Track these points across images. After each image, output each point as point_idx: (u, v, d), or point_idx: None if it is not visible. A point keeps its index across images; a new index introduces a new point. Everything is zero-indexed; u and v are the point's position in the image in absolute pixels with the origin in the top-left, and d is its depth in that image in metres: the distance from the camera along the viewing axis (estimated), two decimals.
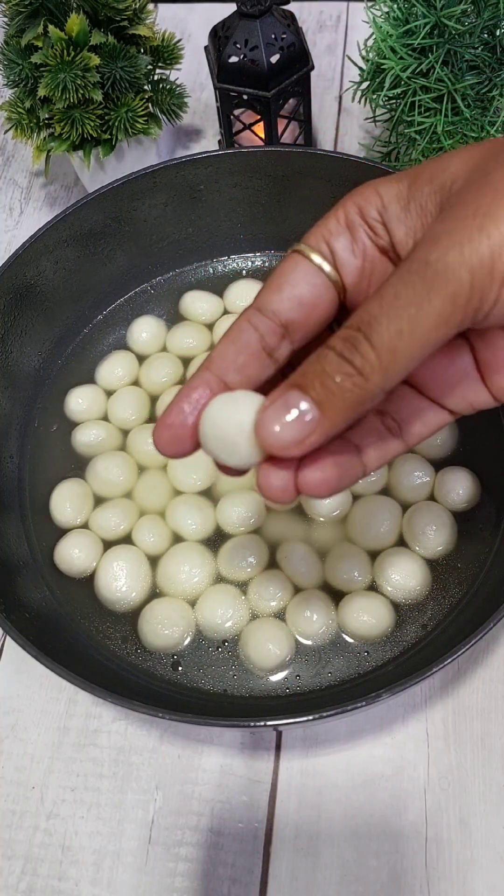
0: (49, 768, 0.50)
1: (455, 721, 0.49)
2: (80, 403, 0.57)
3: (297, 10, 0.80)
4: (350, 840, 0.47)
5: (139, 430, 0.56)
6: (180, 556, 0.51)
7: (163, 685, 0.48)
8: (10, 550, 0.50)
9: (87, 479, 0.55)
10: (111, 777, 0.49)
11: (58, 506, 0.53)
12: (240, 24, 0.60)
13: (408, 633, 0.49)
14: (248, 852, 0.47)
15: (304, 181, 0.58)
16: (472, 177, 0.26)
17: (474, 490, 0.52)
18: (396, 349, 0.25)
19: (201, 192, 0.60)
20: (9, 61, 0.60)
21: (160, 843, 0.47)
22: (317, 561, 0.51)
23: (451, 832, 0.46)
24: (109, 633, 0.50)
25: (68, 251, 0.57)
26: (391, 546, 0.51)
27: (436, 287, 0.24)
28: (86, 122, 0.60)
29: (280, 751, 0.49)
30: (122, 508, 0.53)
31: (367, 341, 0.25)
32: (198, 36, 0.83)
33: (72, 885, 0.46)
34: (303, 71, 0.63)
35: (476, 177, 0.26)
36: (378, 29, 0.56)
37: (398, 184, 0.28)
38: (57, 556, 0.52)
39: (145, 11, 0.61)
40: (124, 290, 0.63)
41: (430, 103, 0.55)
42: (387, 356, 0.25)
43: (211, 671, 0.48)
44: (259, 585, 0.50)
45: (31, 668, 0.52)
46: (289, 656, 0.48)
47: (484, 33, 0.55)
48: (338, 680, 0.48)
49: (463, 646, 0.40)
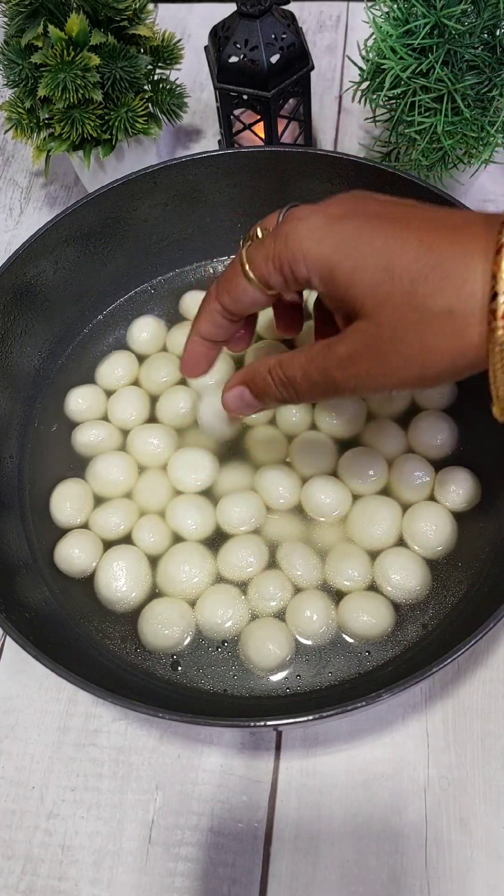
0: (49, 768, 0.50)
1: (455, 721, 0.49)
2: (80, 403, 0.57)
3: (297, 10, 0.80)
4: (350, 840, 0.47)
5: (139, 429, 0.56)
6: (180, 555, 0.51)
7: (163, 685, 0.48)
8: (10, 550, 0.51)
9: (87, 479, 0.55)
10: (111, 777, 0.49)
11: (57, 506, 0.53)
12: (240, 24, 0.60)
13: (408, 633, 0.49)
14: (248, 852, 0.47)
15: (304, 181, 0.58)
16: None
17: (474, 490, 0.52)
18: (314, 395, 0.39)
19: (201, 192, 0.60)
20: (9, 61, 0.60)
21: (160, 843, 0.47)
22: (317, 561, 0.51)
23: (451, 832, 0.46)
24: (109, 633, 0.50)
25: (68, 251, 0.57)
26: (391, 546, 0.51)
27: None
28: (86, 122, 0.60)
29: (280, 751, 0.49)
30: (122, 508, 0.53)
31: (296, 391, 0.39)
32: (198, 36, 0.83)
33: (72, 885, 0.46)
34: (303, 71, 0.63)
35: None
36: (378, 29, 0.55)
37: (320, 271, 0.35)
38: (57, 556, 0.52)
39: (145, 11, 0.61)
40: (124, 290, 0.63)
41: (430, 103, 0.55)
42: (307, 396, 0.39)
43: (211, 671, 0.48)
44: (259, 585, 0.50)
45: (31, 668, 0.52)
46: (289, 656, 0.48)
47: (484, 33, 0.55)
48: (338, 680, 0.48)
49: (463, 646, 0.40)
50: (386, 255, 0.32)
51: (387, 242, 0.32)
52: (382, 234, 0.33)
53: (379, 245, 0.33)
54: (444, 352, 0.32)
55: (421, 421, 0.55)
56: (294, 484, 0.53)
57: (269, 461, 0.54)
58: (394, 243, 0.32)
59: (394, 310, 0.32)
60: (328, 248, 0.34)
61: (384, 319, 0.32)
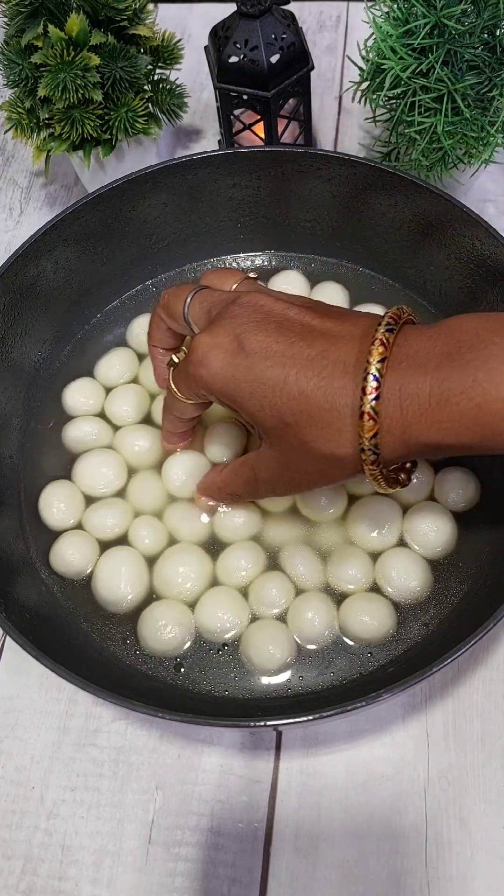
0: (49, 768, 0.50)
1: (455, 721, 0.49)
2: (79, 399, 0.57)
3: (297, 10, 0.80)
4: (350, 840, 0.47)
5: (129, 428, 0.56)
6: (178, 558, 0.51)
7: (162, 685, 0.48)
8: (10, 550, 0.50)
9: (73, 479, 0.55)
10: (111, 777, 0.49)
11: (47, 508, 0.53)
12: (240, 24, 0.60)
13: (408, 633, 0.49)
14: (248, 852, 0.47)
15: (304, 181, 0.58)
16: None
17: (474, 490, 0.52)
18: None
19: (201, 192, 0.60)
20: (9, 61, 0.60)
21: (160, 843, 0.47)
22: (318, 563, 0.51)
23: (451, 832, 0.46)
24: (109, 634, 0.50)
25: (68, 251, 0.57)
26: (392, 547, 0.51)
27: None
28: (86, 122, 0.60)
29: (280, 751, 0.49)
30: (117, 508, 0.53)
31: (238, 497, 0.50)
32: (198, 36, 0.83)
33: (72, 885, 0.46)
34: (303, 71, 0.63)
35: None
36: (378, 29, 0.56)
37: (228, 401, 0.42)
38: (52, 558, 0.52)
39: (145, 11, 0.61)
40: (124, 289, 0.63)
41: (430, 103, 0.55)
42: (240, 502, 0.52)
43: (212, 673, 0.48)
44: (260, 587, 0.50)
45: (31, 668, 0.52)
46: (290, 658, 0.48)
47: (484, 33, 0.55)
48: (338, 680, 0.48)
49: (463, 646, 0.40)
50: (276, 403, 0.39)
51: (274, 390, 0.39)
52: (270, 379, 0.39)
53: (268, 391, 0.39)
54: (332, 476, 0.41)
55: None
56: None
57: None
58: (280, 392, 0.39)
59: (291, 448, 0.40)
60: (231, 388, 0.41)
61: (284, 450, 0.41)
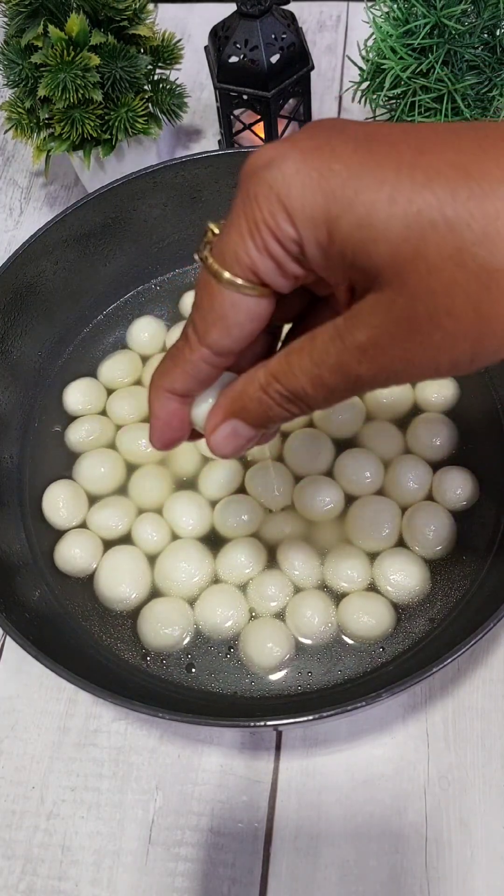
0: (49, 768, 0.50)
1: (455, 721, 0.49)
2: (79, 398, 0.57)
3: (297, 10, 0.80)
4: (350, 840, 0.47)
5: (130, 427, 0.56)
6: (179, 554, 0.51)
7: (162, 685, 0.48)
8: (10, 550, 0.50)
9: (75, 479, 0.55)
10: (111, 777, 0.49)
11: (50, 508, 0.53)
12: (240, 24, 0.60)
13: (408, 633, 0.49)
14: (248, 852, 0.47)
15: None
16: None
17: (473, 490, 0.52)
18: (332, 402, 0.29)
19: (201, 192, 0.60)
20: (9, 61, 0.60)
21: (160, 843, 0.47)
22: (317, 561, 0.51)
23: (451, 832, 0.46)
24: (109, 633, 0.50)
25: (68, 251, 0.57)
26: (391, 546, 0.51)
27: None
28: (86, 122, 0.60)
29: (280, 751, 0.49)
30: (120, 507, 0.53)
31: (307, 404, 0.29)
32: (198, 36, 0.83)
33: (72, 885, 0.46)
34: (303, 71, 0.63)
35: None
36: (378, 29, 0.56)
37: (314, 230, 0.25)
38: (57, 556, 0.52)
39: (145, 11, 0.61)
40: (124, 290, 0.63)
41: (430, 103, 0.55)
42: (324, 406, 0.29)
43: (211, 671, 0.48)
44: (259, 585, 0.50)
45: (31, 668, 0.52)
46: (289, 656, 0.48)
47: (484, 33, 0.55)
48: (338, 680, 0.48)
49: (463, 646, 0.40)
50: (406, 192, 0.23)
51: (400, 175, 0.23)
52: (393, 163, 0.23)
53: (391, 180, 0.23)
54: (486, 350, 0.24)
55: (420, 422, 0.55)
56: (288, 484, 0.53)
57: (263, 462, 0.54)
58: (413, 175, 0.23)
59: (430, 272, 0.23)
60: (319, 196, 0.24)
61: (416, 285, 0.23)
